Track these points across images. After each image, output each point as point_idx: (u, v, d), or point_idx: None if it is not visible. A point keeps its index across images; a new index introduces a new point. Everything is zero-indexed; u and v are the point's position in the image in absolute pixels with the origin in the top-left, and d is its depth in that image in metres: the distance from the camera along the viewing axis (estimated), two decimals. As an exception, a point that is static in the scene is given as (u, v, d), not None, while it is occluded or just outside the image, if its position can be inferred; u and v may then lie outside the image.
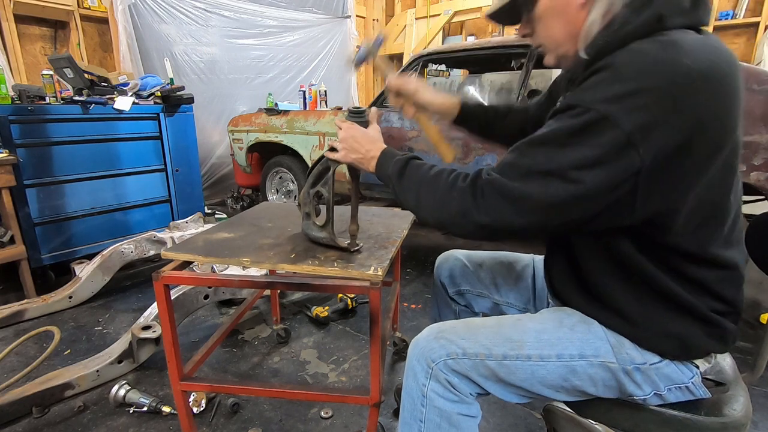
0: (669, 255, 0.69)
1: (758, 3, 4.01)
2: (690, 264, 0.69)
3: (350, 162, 0.96)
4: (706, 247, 0.68)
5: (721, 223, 0.69)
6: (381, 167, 0.89)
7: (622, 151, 0.58)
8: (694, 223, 0.66)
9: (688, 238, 0.67)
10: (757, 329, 1.98)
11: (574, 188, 0.61)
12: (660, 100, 0.57)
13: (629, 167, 0.58)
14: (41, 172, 2.32)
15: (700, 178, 0.62)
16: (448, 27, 5.85)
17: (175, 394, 1.20)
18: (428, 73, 3.69)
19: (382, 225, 1.34)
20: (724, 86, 0.61)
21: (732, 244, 0.71)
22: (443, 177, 0.76)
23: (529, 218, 0.65)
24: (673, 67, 0.58)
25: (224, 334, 1.49)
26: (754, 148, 1.79)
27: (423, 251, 3.07)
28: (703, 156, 0.61)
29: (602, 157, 0.59)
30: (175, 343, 1.14)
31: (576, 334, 0.76)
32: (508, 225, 0.67)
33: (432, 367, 0.77)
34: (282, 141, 3.30)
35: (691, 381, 0.75)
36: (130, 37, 3.59)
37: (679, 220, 0.65)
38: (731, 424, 0.73)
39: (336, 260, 1.03)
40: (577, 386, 0.76)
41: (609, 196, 0.61)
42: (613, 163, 0.59)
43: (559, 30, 0.72)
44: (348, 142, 0.94)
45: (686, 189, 0.63)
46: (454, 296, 1.16)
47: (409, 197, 0.81)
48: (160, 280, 1.08)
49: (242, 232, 1.25)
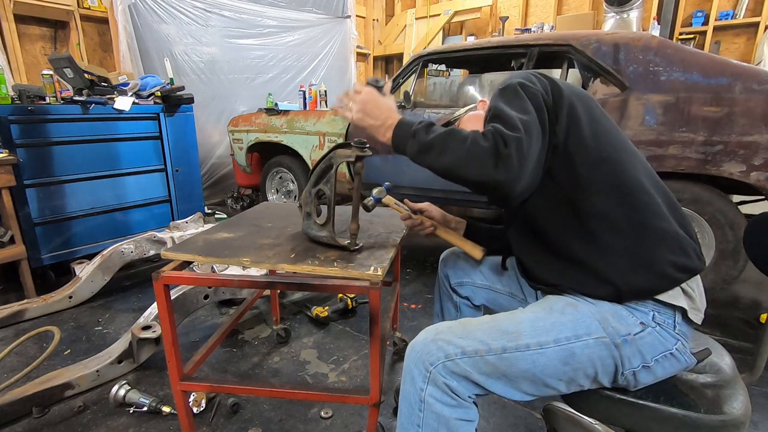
0: (602, 191, 0.81)
1: (758, 3, 4.01)
2: (627, 207, 0.81)
3: (363, 125, 0.94)
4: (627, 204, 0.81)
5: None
6: (399, 130, 0.89)
7: (537, 94, 0.83)
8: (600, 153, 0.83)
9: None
10: (757, 329, 1.98)
11: (529, 116, 0.80)
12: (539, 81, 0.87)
13: (543, 102, 0.82)
14: (41, 172, 2.32)
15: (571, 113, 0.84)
16: (448, 27, 5.85)
17: (175, 394, 1.20)
18: (428, 73, 3.69)
19: (382, 225, 1.35)
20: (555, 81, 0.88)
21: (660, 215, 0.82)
22: (462, 133, 0.83)
23: (529, 143, 0.78)
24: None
25: (224, 334, 1.49)
26: (754, 148, 1.79)
27: (423, 251, 3.07)
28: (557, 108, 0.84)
29: (531, 100, 0.82)
30: (175, 343, 1.14)
31: (566, 317, 0.80)
32: (523, 153, 0.76)
33: (430, 371, 0.77)
34: (282, 141, 3.30)
35: (675, 347, 0.78)
36: (130, 37, 3.59)
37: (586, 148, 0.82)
38: (730, 422, 0.73)
39: (336, 260, 1.03)
40: (578, 368, 0.78)
41: (544, 120, 0.81)
42: (537, 101, 0.82)
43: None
44: (366, 106, 0.93)
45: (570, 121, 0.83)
46: (455, 287, 1.21)
47: (436, 143, 0.82)
48: (160, 280, 1.08)
49: (242, 232, 1.25)
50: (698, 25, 4.27)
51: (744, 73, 1.82)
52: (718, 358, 0.88)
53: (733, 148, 1.83)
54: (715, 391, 0.79)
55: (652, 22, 4.17)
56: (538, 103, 0.82)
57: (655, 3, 4.30)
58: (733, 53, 4.24)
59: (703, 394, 0.79)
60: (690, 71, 1.90)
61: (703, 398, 0.78)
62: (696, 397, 0.78)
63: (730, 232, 1.96)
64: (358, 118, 0.94)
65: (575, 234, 0.83)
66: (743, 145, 1.81)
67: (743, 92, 1.80)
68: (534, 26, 5.08)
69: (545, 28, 4.96)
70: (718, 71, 1.86)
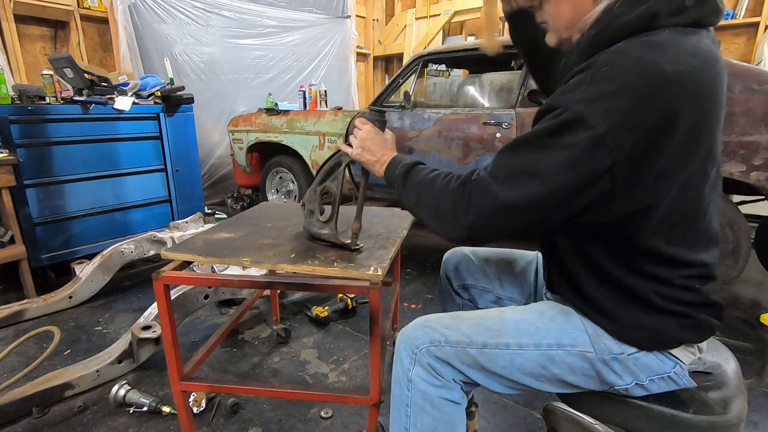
0: (636, 258, 0.71)
1: (758, 3, 4.01)
2: (657, 265, 0.71)
3: (361, 160, 0.98)
4: (673, 249, 0.70)
5: (690, 227, 0.71)
6: (389, 171, 0.92)
7: (595, 151, 0.60)
8: (666, 226, 0.68)
9: (654, 242, 0.69)
10: (758, 329, 1.98)
11: (553, 186, 0.63)
12: (633, 101, 0.59)
13: (602, 166, 0.61)
14: (41, 172, 2.32)
15: (674, 178, 0.64)
16: (448, 27, 5.85)
17: (174, 394, 1.20)
18: (428, 73, 3.69)
19: (382, 225, 1.35)
20: (701, 91, 0.62)
21: (699, 247, 0.73)
22: (440, 178, 0.78)
23: (511, 218, 0.68)
24: (651, 70, 0.60)
25: (224, 334, 1.49)
26: (754, 148, 1.79)
27: (423, 251, 3.07)
28: (675, 156, 0.62)
29: (577, 157, 0.61)
30: (175, 343, 1.14)
31: (555, 324, 0.79)
32: (491, 224, 0.69)
33: (416, 353, 0.80)
34: (282, 141, 3.30)
35: (673, 371, 0.76)
36: (130, 37, 3.59)
37: (653, 221, 0.67)
38: (721, 424, 0.72)
39: (336, 260, 1.03)
40: (557, 375, 0.78)
41: (585, 194, 0.64)
42: (587, 162, 0.61)
43: (567, 12, 0.72)
44: (365, 143, 0.98)
45: (662, 188, 0.64)
46: (458, 290, 1.20)
47: (411, 198, 0.84)
48: (160, 280, 1.07)
49: (242, 232, 1.25)
50: (698, 25, 4.26)
51: (744, 73, 1.82)
52: (723, 361, 0.87)
53: (733, 148, 1.83)
54: (712, 394, 0.79)
55: (652, 22, 4.17)
56: (586, 172, 0.62)
57: (655, 3, 4.30)
58: (733, 53, 4.24)
59: (698, 396, 0.78)
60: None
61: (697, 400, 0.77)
62: (688, 398, 0.78)
63: (730, 232, 1.96)
64: (356, 154, 0.99)
65: (596, 285, 0.76)
66: (743, 145, 1.81)
67: (743, 92, 1.80)
68: (534, 26, 5.06)
69: (545, 28, 4.95)
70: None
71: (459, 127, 2.47)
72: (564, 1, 0.72)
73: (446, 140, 2.52)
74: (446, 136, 2.51)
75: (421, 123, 2.61)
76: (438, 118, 2.55)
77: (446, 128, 2.52)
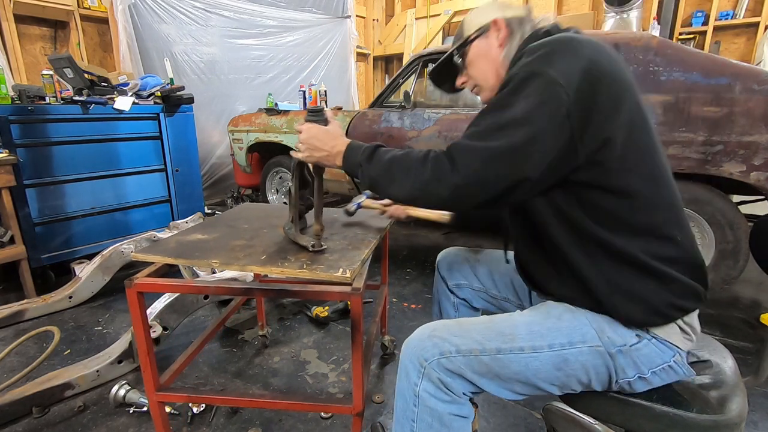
0: (615, 212, 0.75)
1: (758, 3, 4.01)
2: (635, 212, 0.75)
3: (315, 161, 0.97)
4: (642, 186, 0.75)
5: (652, 159, 0.76)
6: (348, 159, 0.92)
7: (553, 91, 0.70)
8: (630, 161, 0.74)
9: (625, 180, 0.74)
10: (758, 329, 1.98)
11: (528, 128, 0.70)
12: (566, 53, 0.73)
13: (561, 104, 0.69)
14: (41, 172, 2.32)
15: (615, 114, 0.72)
16: (448, 27, 5.85)
17: (151, 405, 1.14)
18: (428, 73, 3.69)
19: (360, 226, 1.31)
20: (607, 50, 0.76)
21: (670, 189, 0.78)
22: (414, 153, 0.82)
23: (497, 169, 0.72)
24: (569, 36, 0.77)
25: (204, 341, 1.43)
26: (754, 148, 1.79)
27: (423, 251, 3.07)
28: (610, 98, 0.72)
29: (540, 99, 0.70)
30: (150, 353, 1.07)
31: (563, 323, 0.79)
32: (480, 180, 0.73)
33: (424, 367, 0.78)
34: (282, 141, 3.30)
35: (673, 359, 0.77)
36: (130, 37, 3.59)
37: (616, 154, 0.72)
38: (722, 423, 0.73)
39: (305, 262, 0.98)
40: (571, 375, 0.78)
41: (557, 137, 0.70)
42: (549, 102, 0.70)
43: (487, 68, 0.91)
44: (310, 143, 0.96)
45: (614, 121, 0.72)
46: (453, 289, 1.20)
47: (381, 177, 0.85)
48: (133, 287, 1.00)
49: (217, 234, 1.21)
50: (698, 25, 4.27)
51: (744, 73, 1.82)
52: (720, 359, 0.87)
53: (733, 148, 1.83)
54: (712, 392, 0.79)
55: (652, 22, 4.17)
56: (551, 110, 0.70)
57: (655, 3, 4.30)
58: (733, 53, 4.24)
59: (699, 394, 0.79)
60: (690, 71, 1.90)
61: (698, 398, 0.78)
62: (689, 396, 0.78)
63: (730, 232, 1.96)
64: (306, 157, 0.98)
65: (581, 250, 0.78)
66: (743, 145, 1.81)
67: (743, 92, 1.80)
68: (534, 26, 5.07)
69: (545, 28, 4.95)
70: (718, 71, 1.86)
71: (459, 127, 2.47)
72: (479, 60, 0.92)
73: (446, 140, 2.52)
74: (446, 136, 2.51)
75: (421, 123, 2.61)
76: (438, 118, 2.55)
77: (446, 128, 2.52)
